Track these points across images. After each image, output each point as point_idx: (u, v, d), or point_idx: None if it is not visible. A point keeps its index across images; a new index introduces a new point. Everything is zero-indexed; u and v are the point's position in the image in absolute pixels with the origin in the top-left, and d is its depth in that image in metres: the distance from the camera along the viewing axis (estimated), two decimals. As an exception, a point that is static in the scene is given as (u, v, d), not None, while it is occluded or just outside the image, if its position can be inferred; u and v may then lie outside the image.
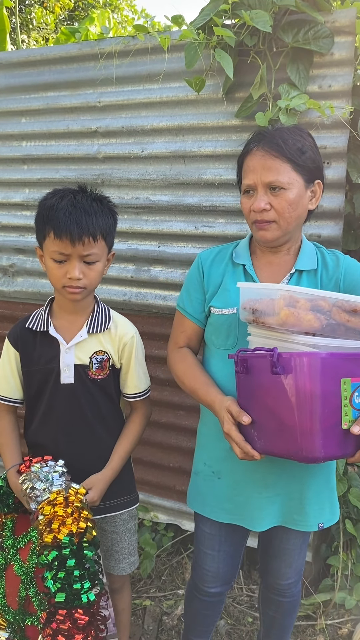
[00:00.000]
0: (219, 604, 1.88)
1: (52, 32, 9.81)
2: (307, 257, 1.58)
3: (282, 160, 1.44)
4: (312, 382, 1.22)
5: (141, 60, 2.24)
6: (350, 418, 1.26)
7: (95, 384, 1.70)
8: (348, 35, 1.91)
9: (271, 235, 1.50)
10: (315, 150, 1.51)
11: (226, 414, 1.43)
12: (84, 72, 2.36)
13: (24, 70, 2.50)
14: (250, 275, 1.58)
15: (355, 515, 2.26)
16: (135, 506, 1.87)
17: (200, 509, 1.72)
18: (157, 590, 2.49)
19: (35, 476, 1.56)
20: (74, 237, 1.51)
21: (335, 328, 1.32)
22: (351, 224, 2.19)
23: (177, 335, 1.73)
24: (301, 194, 1.48)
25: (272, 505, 1.60)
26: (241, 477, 1.60)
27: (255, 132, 1.56)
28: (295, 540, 1.71)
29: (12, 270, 2.69)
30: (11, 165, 2.63)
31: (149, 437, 2.49)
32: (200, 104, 2.17)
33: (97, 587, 1.45)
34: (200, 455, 1.73)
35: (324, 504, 1.64)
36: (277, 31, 1.92)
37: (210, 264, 1.65)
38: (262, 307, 1.36)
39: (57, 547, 1.42)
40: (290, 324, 1.28)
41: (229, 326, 1.58)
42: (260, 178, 1.46)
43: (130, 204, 2.36)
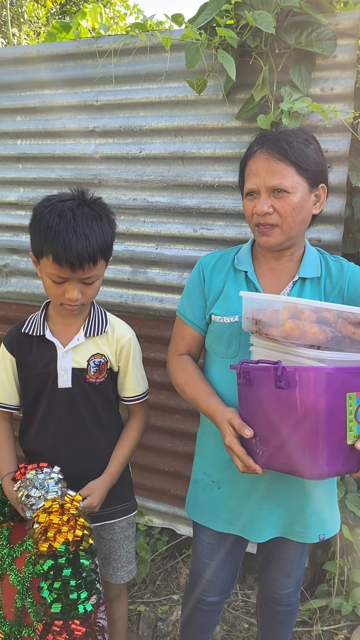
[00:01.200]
0: (216, 613, 1.86)
1: (43, 25, 9.70)
2: (311, 265, 1.54)
3: (286, 163, 1.41)
4: (317, 397, 1.18)
5: (140, 59, 2.20)
6: (355, 433, 1.23)
7: (93, 388, 1.67)
8: (351, 38, 1.89)
9: (274, 241, 1.47)
10: (320, 153, 1.48)
11: (228, 426, 1.40)
12: (82, 70, 2.32)
13: (20, 67, 2.45)
14: (252, 282, 1.55)
15: (352, 521, 2.25)
16: (133, 513, 1.85)
17: (199, 518, 1.69)
18: (151, 596, 2.47)
19: (30, 483, 1.53)
20: (74, 266, 1.47)
21: (341, 340, 1.29)
22: (350, 227, 2.17)
23: (178, 342, 1.69)
24: (305, 198, 1.45)
25: (273, 516, 1.58)
26: (242, 487, 1.57)
27: (258, 135, 1.53)
28: (295, 551, 1.69)
29: (5, 270, 2.64)
30: (6, 163, 2.58)
31: (144, 440, 2.45)
32: (200, 104, 2.14)
33: (94, 596, 1.42)
34: (200, 464, 1.70)
35: (325, 515, 1.62)
36: (279, 32, 1.90)
37: (212, 270, 1.62)
38: (265, 318, 1.32)
39: (52, 556, 1.39)
40: (295, 337, 1.25)
41: (230, 334, 1.54)
42: (263, 181, 1.43)
43: (128, 205, 2.33)
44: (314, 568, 2.41)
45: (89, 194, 1.58)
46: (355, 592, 2.24)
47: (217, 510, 1.63)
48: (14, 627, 1.52)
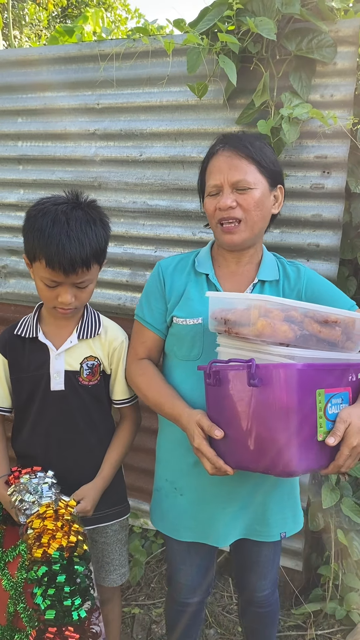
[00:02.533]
0: (199, 612, 1.86)
1: (44, 28, 9.74)
2: (269, 268, 1.59)
3: (249, 161, 1.48)
4: (289, 393, 1.20)
5: (141, 63, 2.21)
6: (324, 429, 1.26)
7: (86, 390, 1.67)
8: (351, 45, 1.91)
9: (238, 238, 1.50)
10: (276, 157, 1.58)
11: (196, 428, 1.39)
12: (83, 73, 2.33)
13: (22, 69, 2.46)
14: (213, 284, 1.57)
15: (346, 525, 2.25)
16: (126, 516, 1.85)
17: (162, 527, 1.68)
18: (146, 598, 2.47)
19: (24, 488, 1.51)
20: (67, 271, 1.46)
21: (308, 339, 1.32)
22: (348, 233, 2.19)
23: (137, 346, 1.67)
24: (266, 195, 1.52)
25: (236, 519, 1.59)
26: (205, 492, 1.57)
27: (219, 136, 1.59)
28: (266, 552, 1.70)
29: (4, 271, 2.65)
30: (6, 165, 2.59)
31: (139, 443, 2.45)
32: (201, 109, 2.16)
33: (88, 602, 1.41)
34: (162, 471, 1.69)
35: (286, 513, 1.64)
36: (280, 39, 1.91)
37: (172, 273, 1.62)
38: (235, 317, 1.33)
39: (47, 562, 1.37)
40: (266, 335, 1.27)
41: (193, 336, 1.54)
42: (227, 177, 1.48)
43: (127, 207, 2.34)
44: (308, 572, 2.41)
45: (83, 197, 1.57)
46: (349, 597, 2.24)
47: (180, 518, 1.62)
48: (6, 632, 1.51)
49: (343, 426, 1.26)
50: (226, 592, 2.48)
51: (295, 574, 2.36)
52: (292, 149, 2.00)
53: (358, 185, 2.03)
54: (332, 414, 1.27)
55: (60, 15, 10.34)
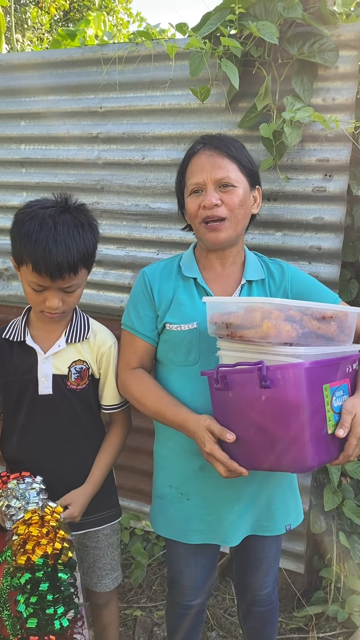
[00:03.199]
0: (200, 614, 1.87)
1: (47, 32, 9.78)
2: (254, 268, 1.61)
3: (230, 159, 1.51)
4: (299, 392, 1.23)
5: (144, 67, 2.22)
6: (333, 422, 1.30)
7: (74, 395, 1.65)
8: (353, 50, 1.92)
9: (224, 235, 1.51)
10: (252, 158, 1.60)
11: (206, 433, 1.39)
12: (86, 77, 2.34)
13: (25, 72, 2.47)
14: (202, 287, 1.57)
15: (348, 528, 2.26)
16: (117, 520, 1.83)
17: (169, 534, 1.67)
18: (147, 600, 2.47)
19: (11, 493, 1.49)
20: (54, 275, 1.45)
21: (308, 336, 1.34)
22: (350, 236, 2.19)
23: (129, 356, 1.64)
24: (247, 194, 1.54)
25: (243, 517, 1.60)
26: (212, 494, 1.57)
27: (197, 138, 1.61)
28: (269, 548, 1.72)
29: (7, 273, 2.66)
30: (9, 167, 2.60)
31: (141, 445, 2.47)
32: (203, 112, 2.17)
33: (72, 611, 1.38)
34: (164, 478, 1.68)
35: (289, 505, 1.66)
36: (282, 43, 1.92)
37: (159, 279, 1.61)
38: (237, 321, 1.34)
39: (30, 569, 1.35)
40: (272, 336, 1.28)
41: (189, 342, 1.54)
42: (210, 175, 1.49)
43: (130, 210, 2.35)
44: (310, 575, 2.42)
45: (72, 201, 1.56)
46: (351, 599, 2.24)
47: (189, 522, 1.62)
48: None
49: (350, 417, 1.31)
50: (228, 594, 2.48)
51: (297, 577, 2.36)
52: (294, 152, 2.01)
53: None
54: (337, 407, 1.32)
55: (63, 19, 10.38)
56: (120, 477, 1.91)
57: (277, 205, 2.08)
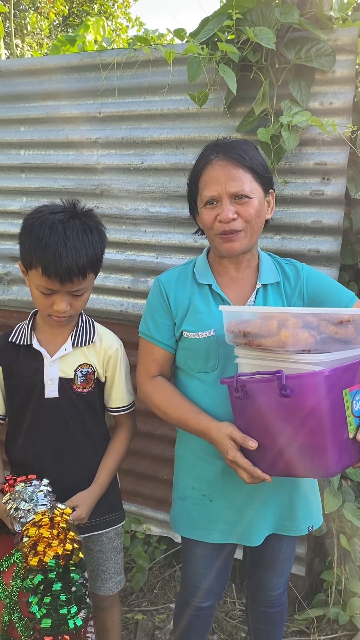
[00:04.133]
0: (210, 617, 1.87)
1: (46, 37, 9.82)
2: (269, 270, 1.59)
3: (245, 170, 1.47)
4: (320, 399, 1.22)
5: (142, 72, 2.24)
6: (354, 426, 1.30)
7: (80, 398, 1.66)
8: (350, 54, 1.93)
9: (239, 246, 1.50)
10: (265, 161, 1.56)
11: (228, 441, 1.40)
12: (85, 83, 2.36)
13: (24, 78, 2.49)
14: (218, 294, 1.57)
15: (349, 530, 2.26)
16: (121, 524, 1.84)
17: (190, 534, 1.68)
18: (149, 604, 2.47)
19: (19, 496, 1.50)
20: (63, 279, 1.47)
21: (326, 341, 1.33)
22: (349, 239, 2.20)
23: (148, 364, 1.65)
24: (262, 203, 1.52)
25: (266, 516, 1.60)
26: (235, 496, 1.58)
27: (209, 144, 1.57)
28: (286, 549, 1.72)
29: (7, 278, 2.67)
30: (9, 173, 2.61)
31: (142, 448, 2.48)
32: (201, 117, 2.18)
33: (84, 610, 1.39)
34: (186, 480, 1.68)
35: (311, 506, 1.66)
36: (280, 48, 1.94)
37: (175, 287, 1.62)
38: (255, 329, 1.34)
39: (42, 570, 1.36)
40: (290, 344, 1.28)
41: (207, 349, 1.54)
42: (225, 188, 1.46)
43: (129, 214, 2.36)
44: (311, 577, 2.42)
45: (80, 206, 1.58)
46: (352, 602, 2.24)
47: (212, 522, 1.63)
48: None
49: None
50: (229, 597, 2.48)
51: (298, 579, 2.36)
52: (292, 156, 2.02)
53: (358, 192, 2.05)
54: (358, 410, 1.31)
55: (62, 24, 10.42)
56: (121, 480, 1.91)
57: (275, 208, 2.07)
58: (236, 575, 2.53)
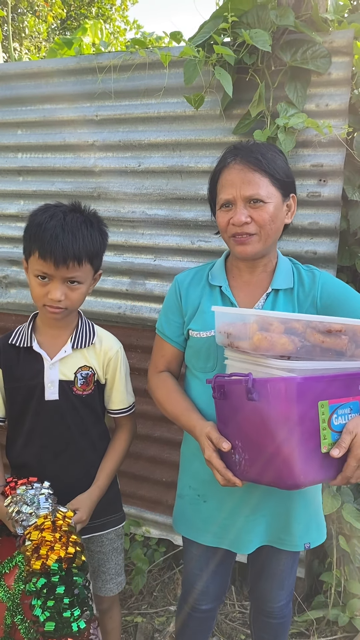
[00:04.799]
0: (211, 620, 1.87)
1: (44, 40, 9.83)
2: (284, 276, 1.57)
3: (262, 174, 1.46)
4: (288, 407, 1.19)
5: (139, 75, 2.24)
6: (329, 441, 1.24)
7: (80, 400, 1.67)
8: (345, 56, 1.94)
9: (252, 249, 1.49)
10: (288, 165, 1.54)
11: (206, 440, 1.41)
12: (82, 86, 2.36)
13: (21, 82, 2.49)
14: (227, 296, 1.57)
15: (348, 532, 2.25)
16: (122, 525, 1.85)
17: (186, 532, 1.70)
18: (148, 607, 2.47)
19: (20, 499, 1.50)
20: (58, 260, 1.48)
21: (311, 350, 1.30)
22: (346, 240, 2.21)
23: (157, 359, 1.71)
24: (279, 207, 1.50)
25: (259, 526, 1.59)
26: (228, 499, 1.58)
27: (229, 147, 1.56)
28: (286, 561, 1.70)
29: (5, 281, 2.67)
30: (6, 176, 2.61)
31: (141, 450, 2.48)
32: (198, 120, 2.18)
33: (87, 613, 1.40)
34: (185, 479, 1.71)
35: (310, 523, 1.63)
36: (275, 50, 1.94)
37: (188, 287, 1.64)
38: (235, 331, 1.34)
39: (45, 573, 1.37)
40: (263, 349, 1.27)
41: (208, 349, 1.56)
42: (239, 192, 1.46)
43: (127, 217, 2.36)
44: (310, 579, 2.41)
45: (86, 207, 1.62)
46: (352, 603, 2.24)
47: (205, 524, 1.63)
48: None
49: (349, 437, 1.24)
50: (229, 600, 2.48)
51: (298, 581, 2.36)
52: (289, 157, 2.00)
53: (355, 193, 2.05)
54: (339, 425, 1.25)
55: (60, 28, 10.44)
56: (120, 482, 1.91)
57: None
58: (236, 577, 2.52)
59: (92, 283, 1.65)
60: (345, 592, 2.28)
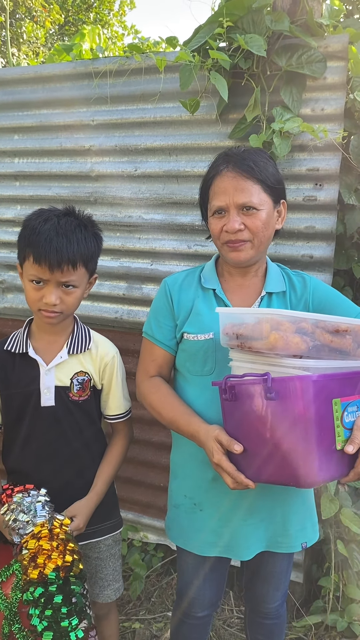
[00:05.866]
0: (206, 626, 1.85)
1: (42, 45, 9.87)
2: (275, 280, 1.59)
3: (254, 181, 1.47)
4: (305, 405, 1.20)
5: (135, 79, 2.25)
6: (342, 438, 1.26)
7: (76, 406, 1.66)
8: (340, 60, 1.94)
9: (245, 256, 1.50)
10: (278, 171, 1.56)
11: (215, 443, 1.39)
12: (78, 91, 2.37)
13: (17, 87, 2.50)
14: (221, 299, 1.57)
15: (346, 536, 2.25)
16: (119, 530, 1.83)
17: (183, 544, 1.67)
18: (146, 613, 2.46)
19: (17, 507, 1.49)
20: (52, 264, 1.48)
21: (320, 349, 1.31)
22: (343, 243, 2.21)
23: (147, 364, 1.67)
24: (270, 214, 1.51)
25: (257, 531, 1.58)
26: (225, 507, 1.56)
27: (221, 154, 1.57)
28: (282, 563, 1.70)
29: (2, 286, 2.67)
30: (3, 181, 2.62)
31: (139, 455, 2.47)
32: (194, 124, 2.19)
33: (85, 621, 1.39)
34: (179, 487, 1.67)
35: (306, 523, 1.64)
36: (271, 55, 1.95)
37: (179, 290, 1.63)
38: (247, 332, 1.34)
39: (43, 583, 1.35)
40: (279, 348, 1.27)
41: (205, 352, 1.54)
42: (232, 199, 1.47)
43: (123, 222, 2.36)
44: (309, 584, 2.40)
45: (80, 211, 1.62)
46: (350, 608, 2.23)
47: (200, 533, 1.61)
48: None
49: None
50: (227, 605, 2.47)
51: (296, 586, 2.35)
52: (285, 162, 2.03)
53: (351, 197, 2.05)
54: (349, 422, 1.28)
55: (58, 33, 10.48)
56: (117, 488, 1.90)
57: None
58: (234, 582, 2.51)
59: (88, 287, 1.64)
60: (343, 597, 2.27)
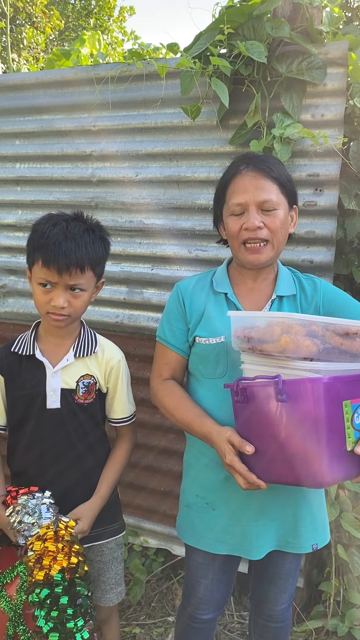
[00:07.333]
0: (211, 630, 1.85)
1: (42, 51, 9.90)
2: (286, 283, 1.61)
3: (272, 181, 1.50)
4: (317, 407, 1.22)
5: (136, 86, 2.26)
6: (353, 439, 1.28)
7: (81, 409, 1.67)
8: (340, 67, 1.96)
9: (265, 257, 1.52)
10: (291, 176, 1.60)
11: (227, 445, 1.41)
12: (79, 96, 2.38)
13: (19, 93, 2.51)
14: (232, 303, 1.59)
15: (347, 540, 2.25)
16: (122, 534, 1.84)
17: (195, 542, 1.68)
18: (146, 618, 2.45)
19: (22, 509, 1.50)
20: (61, 268, 1.50)
21: (330, 352, 1.33)
22: (343, 248, 2.22)
23: (161, 367, 1.69)
24: (286, 216, 1.54)
25: (268, 531, 1.59)
26: (237, 506, 1.58)
27: (240, 155, 1.61)
28: (290, 565, 1.70)
29: (3, 290, 2.67)
30: (4, 186, 2.63)
31: (139, 460, 2.47)
32: (195, 130, 2.20)
33: (90, 623, 1.40)
34: (191, 487, 1.69)
35: (317, 524, 1.65)
36: (271, 61, 1.96)
37: (191, 294, 1.65)
38: (258, 335, 1.35)
39: (48, 584, 1.36)
40: (290, 351, 1.29)
41: (217, 355, 1.57)
42: (253, 197, 1.49)
43: (124, 226, 2.37)
44: (309, 589, 2.40)
45: (88, 216, 1.64)
46: (351, 613, 2.23)
47: (213, 532, 1.63)
48: None
49: None
50: (227, 610, 2.46)
51: (297, 591, 2.34)
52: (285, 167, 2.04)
53: (351, 202, 2.06)
54: (359, 424, 1.30)
55: (58, 38, 10.53)
56: (119, 492, 1.90)
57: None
58: (235, 587, 2.51)
59: (95, 291, 1.66)
60: (344, 601, 2.27)
